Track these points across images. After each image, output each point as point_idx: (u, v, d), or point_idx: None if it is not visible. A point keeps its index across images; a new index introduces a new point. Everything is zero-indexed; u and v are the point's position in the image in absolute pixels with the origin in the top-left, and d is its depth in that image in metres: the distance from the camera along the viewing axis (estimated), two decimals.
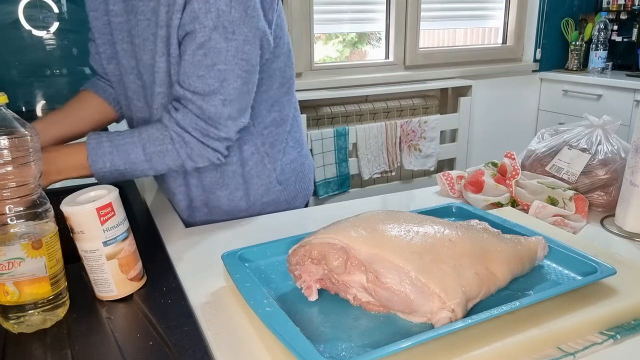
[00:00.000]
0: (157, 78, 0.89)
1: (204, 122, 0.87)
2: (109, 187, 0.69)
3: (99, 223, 0.65)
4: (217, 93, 0.85)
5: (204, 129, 0.87)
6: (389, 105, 2.76)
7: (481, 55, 3.13)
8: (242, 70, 0.86)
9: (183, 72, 0.85)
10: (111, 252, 0.67)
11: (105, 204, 0.65)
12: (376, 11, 2.80)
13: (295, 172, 1.08)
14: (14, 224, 0.60)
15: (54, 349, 0.58)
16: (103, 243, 0.66)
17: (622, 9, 3.12)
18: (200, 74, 0.84)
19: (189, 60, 0.84)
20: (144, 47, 0.89)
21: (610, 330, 0.60)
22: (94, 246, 0.66)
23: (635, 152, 0.86)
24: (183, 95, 0.86)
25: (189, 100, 0.86)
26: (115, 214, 0.67)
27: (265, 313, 0.58)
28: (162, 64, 0.88)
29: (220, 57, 0.83)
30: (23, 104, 2.04)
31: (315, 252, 0.63)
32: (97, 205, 0.65)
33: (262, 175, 1.02)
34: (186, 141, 0.87)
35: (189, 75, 0.84)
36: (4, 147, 0.59)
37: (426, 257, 0.60)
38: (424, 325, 0.59)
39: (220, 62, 0.83)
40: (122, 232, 0.68)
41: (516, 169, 1.03)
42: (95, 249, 0.66)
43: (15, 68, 2.00)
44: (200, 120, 0.86)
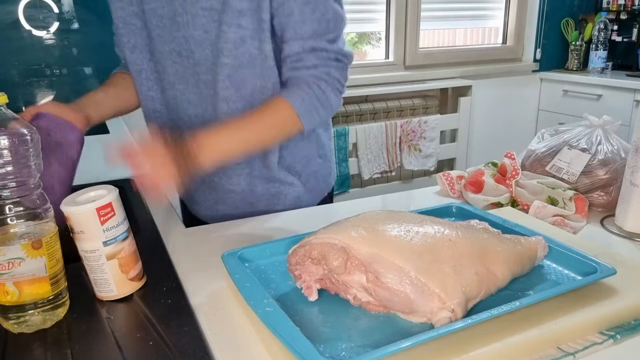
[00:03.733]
0: (224, 49, 0.91)
1: (334, 60, 0.94)
2: (108, 187, 0.69)
3: (99, 223, 0.65)
4: (330, 34, 0.93)
5: (336, 62, 0.95)
6: (389, 105, 2.76)
7: (481, 55, 3.13)
8: (340, 9, 0.95)
9: (294, 31, 0.91)
10: (111, 252, 0.67)
11: (105, 204, 0.65)
12: (376, 11, 2.80)
13: (327, 148, 1.13)
14: (14, 224, 0.60)
15: (54, 349, 0.58)
16: (103, 243, 0.66)
17: (622, 9, 3.12)
18: (314, 27, 0.91)
19: (299, 19, 0.90)
20: (193, 23, 0.91)
21: (610, 330, 0.60)
22: (94, 246, 0.66)
23: (635, 152, 0.86)
24: (303, 48, 0.91)
25: (311, 50, 0.92)
26: (115, 214, 0.67)
27: (265, 313, 0.58)
28: (231, 34, 0.90)
29: (327, 6, 0.91)
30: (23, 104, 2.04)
31: (315, 252, 0.63)
32: (97, 205, 0.65)
33: (303, 147, 1.07)
34: (332, 75, 0.94)
35: (303, 31, 0.90)
36: (4, 147, 0.59)
37: (426, 257, 0.60)
38: (424, 325, 0.59)
39: (328, 11, 0.91)
40: (122, 232, 0.68)
41: (516, 169, 1.03)
42: (95, 249, 0.66)
43: (15, 68, 2.00)
44: (330, 59, 0.94)
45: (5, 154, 0.59)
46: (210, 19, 0.90)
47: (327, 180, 1.15)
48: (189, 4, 0.90)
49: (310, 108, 0.92)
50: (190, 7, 0.90)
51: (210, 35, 0.91)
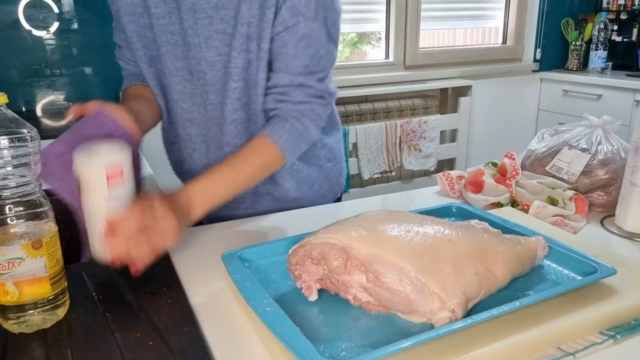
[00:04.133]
0: (233, 74, 0.91)
1: (319, 97, 0.95)
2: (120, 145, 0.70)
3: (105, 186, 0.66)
4: (319, 73, 0.93)
5: (320, 100, 0.95)
6: (389, 105, 2.76)
7: (481, 55, 3.13)
8: (334, 48, 0.95)
9: (285, 63, 0.91)
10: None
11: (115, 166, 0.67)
12: (376, 11, 2.80)
13: (336, 150, 1.13)
14: (14, 224, 0.60)
15: (54, 349, 0.58)
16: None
17: (622, 9, 3.11)
18: (305, 63, 0.91)
19: (292, 52, 0.90)
20: (206, 45, 0.91)
21: (610, 330, 0.60)
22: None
23: (635, 152, 0.86)
24: (291, 82, 0.91)
25: (298, 85, 0.91)
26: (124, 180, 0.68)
27: (265, 313, 0.58)
28: (240, 59, 0.90)
29: (321, 43, 0.91)
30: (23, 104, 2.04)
31: (315, 252, 0.63)
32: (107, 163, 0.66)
33: (312, 155, 1.07)
34: (316, 111, 0.94)
35: (294, 65, 0.90)
36: (4, 147, 0.59)
37: (426, 257, 0.60)
38: (424, 325, 0.59)
39: (321, 49, 0.91)
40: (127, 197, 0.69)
41: (516, 169, 1.03)
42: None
43: (15, 68, 2.00)
44: (315, 97, 0.94)
45: (5, 154, 0.59)
46: (223, 42, 0.90)
47: (338, 181, 1.15)
48: (200, 27, 0.90)
49: (293, 145, 0.92)
50: (202, 30, 0.90)
51: (223, 58, 0.91)
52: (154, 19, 0.93)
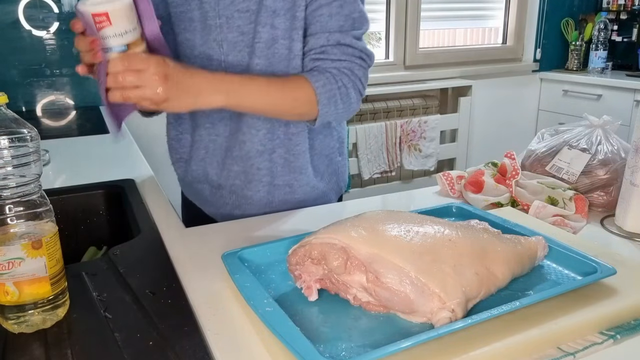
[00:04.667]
0: (256, 49, 0.91)
1: (357, 57, 0.93)
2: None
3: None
4: (356, 31, 0.93)
5: (359, 60, 0.94)
6: (389, 105, 2.76)
7: (481, 55, 3.13)
8: (365, 12, 0.95)
9: (320, 25, 0.91)
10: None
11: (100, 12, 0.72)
12: (376, 11, 2.80)
13: (344, 145, 1.13)
14: (14, 224, 0.60)
15: (54, 349, 0.58)
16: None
17: (622, 9, 3.12)
18: (341, 23, 0.91)
19: (327, 13, 0.90)
20: (228, 25, 0.91)
21: (610, 330, 0.60)
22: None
23: (635, 152, 0.86)
24: (328, 40, 0.91)
25: (335, 44, 0.91)
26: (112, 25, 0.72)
27: (265, 313, 0.58)
28: (264, 34, 0.90)
29: (354, 5, 0.91)
30: (23, 104, 2.04)
31: (315, 252, 0.63)
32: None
33: (327, 145, 1.06)
34: (355, 72, 0.93)
35: (330, 25, 0.90)
36: (4, 147, 0.59)
37: (426, 257, 0.60)
38: (424, 325, 0.59)
39: (355, 10, 0.91)
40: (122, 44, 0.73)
41: (516, 169, 1.03)
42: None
43: (15, 68, 2.00)
44: (354, 56, 0.93)
45: (5, 154, 0.59)
46: (247, 20, 0.90)
47: (344, 177, 1.15)
48: (222, 7, 0.90)
49: (330, 96, 0.90)
50: (224, 10, 0.90)
51: (245, 37, 0.91)
52: (172, 7, 0.94)
